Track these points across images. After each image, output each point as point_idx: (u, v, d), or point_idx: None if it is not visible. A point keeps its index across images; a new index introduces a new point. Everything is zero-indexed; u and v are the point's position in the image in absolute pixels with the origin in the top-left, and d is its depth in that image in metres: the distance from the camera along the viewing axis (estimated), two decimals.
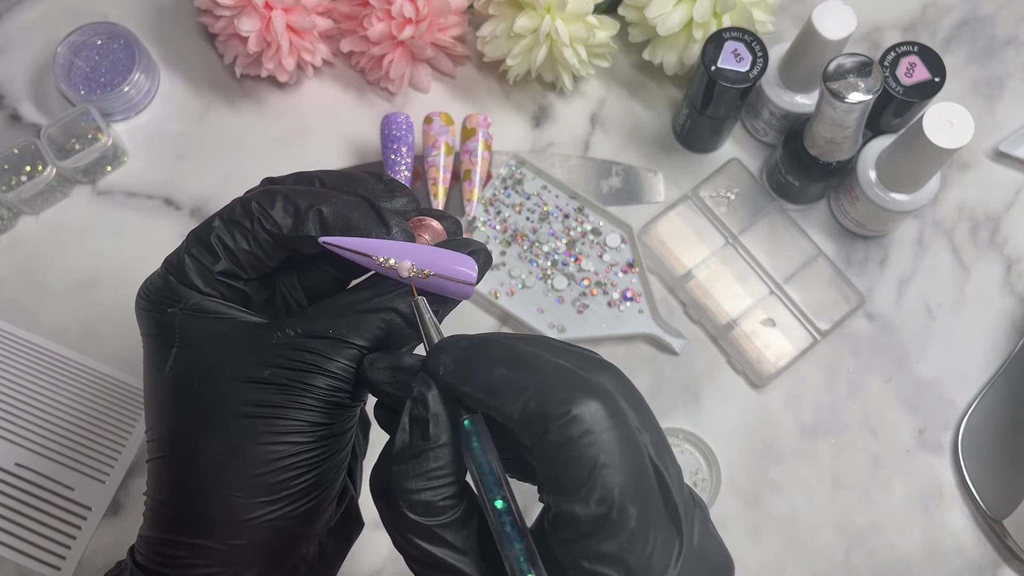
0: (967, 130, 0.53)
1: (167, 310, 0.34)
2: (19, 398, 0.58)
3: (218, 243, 0.34)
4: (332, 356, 0.32)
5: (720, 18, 0.61)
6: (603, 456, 0.27)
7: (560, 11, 0.60)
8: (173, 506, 0.33)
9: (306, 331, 0.33)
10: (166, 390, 0.34)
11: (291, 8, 0.61)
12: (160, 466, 0.34)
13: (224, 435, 0.32)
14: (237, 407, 0.32)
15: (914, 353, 0.64)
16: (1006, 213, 0.67)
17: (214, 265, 0.34)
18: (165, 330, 0.34)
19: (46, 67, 0.67)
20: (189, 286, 0.34)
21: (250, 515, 0.32)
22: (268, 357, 0.32)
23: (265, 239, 0.34)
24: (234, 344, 0.33)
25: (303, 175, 0.36)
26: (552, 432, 0.28)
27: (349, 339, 0.33)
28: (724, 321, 0.63)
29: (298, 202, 0.33)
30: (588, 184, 0.66)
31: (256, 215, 0.33)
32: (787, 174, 0.63)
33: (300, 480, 0.33)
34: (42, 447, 0.58)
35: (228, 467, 0.32)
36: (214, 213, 0.34)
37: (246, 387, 0.32)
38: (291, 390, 0.32)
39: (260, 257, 0.34)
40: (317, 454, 0.33)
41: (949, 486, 0.61)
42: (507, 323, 0.63)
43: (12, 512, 0.56)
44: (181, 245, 0.34)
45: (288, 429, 0.32)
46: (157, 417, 0.34)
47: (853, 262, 0.65)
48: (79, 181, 0.65)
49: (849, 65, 0.53)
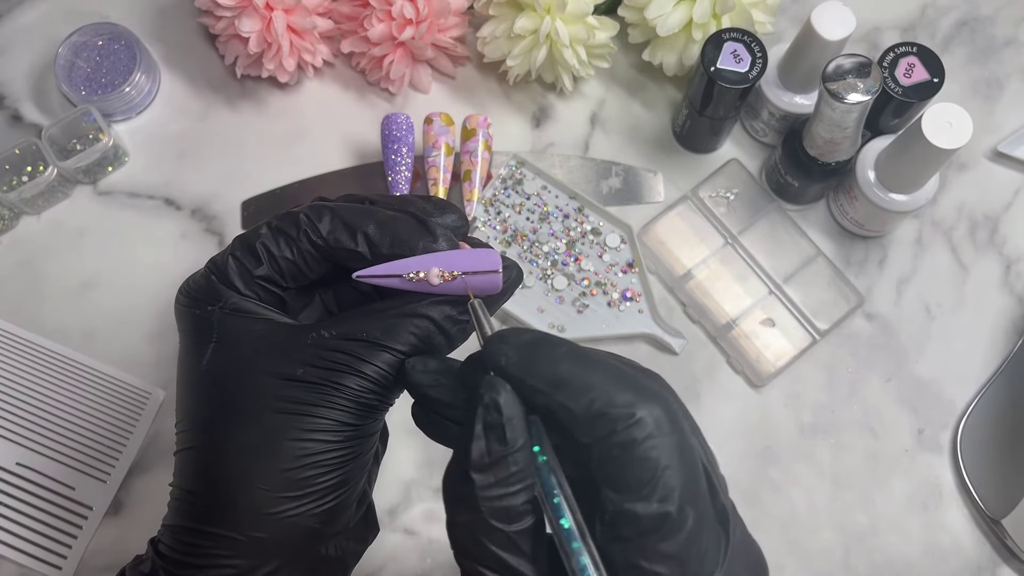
0: (966, 131, 0.54)
1: (207, 307, 0.35)
2: (20, 398, 0.58)
3: (263, 249, 0.35)
4: (365, 358, 0.33)
5: (719, 19, 0.61)
6: (664, 459, 0.28)
7: (560, 12, 0.60)
8: (198, 495, 0.34)
9: (340, 333, 0.34)
10: (202, 383, 0.35)
11: (292, 9, 0.61)
12: (189, 456, 0.35)
13: (255, 427, 0.33)
14: (270, 401, 0.33)
15: (913, 353, 0.64)
16: (1005, 213, 0.67)
17: (256, 269, 0.35)
18: (203, 326, 0.35)
19: (47, 67, 0.67)
20: (229, 286, 0.35)
21: (273, 509, 0.33)
22: (303, 355, 0.33)
23: (308, 250, 0.35)
24: (270, 342, 0.34)
25: (354, 196, 0.37)
26: (618, 434, 0.28)
27: (382, 342, 0.33)
28: (723, 321, 0.63)
29: (345, 217, 0.35)
30: (588, 184, 0.66)
31: (303, 227, 0.35)
32: (786, 174, 0.63)
33: (325, 478, 0.33)
34: (43, 447, 0.58)
35: (256, 459, 0.33)
36: (263, 221, 0.36)
37: (280, 383, 0.33)
38: (323, 389, 0.33)
39: (301, 267, 0.35)
40: (343, 453, 0.34)
41: (948, 486, 0.61)
42: (507, 323, 0.63)
43: (13, 512, 0.56)
44: (227, 248, 0.36)
45: (317, 427, 0.33)
46: (191, 408, 0.35)
47: (852, 262, 0.65)
48: (80, 181, 0.65)
49: (848, 66, 0.54)
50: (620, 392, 0.29)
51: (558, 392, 0.29)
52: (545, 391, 0.30)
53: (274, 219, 0.36)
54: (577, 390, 0.29)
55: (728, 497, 0.32)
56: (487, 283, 0.34)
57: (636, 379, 0.30)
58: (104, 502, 0.58)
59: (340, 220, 0.35)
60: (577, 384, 0.29)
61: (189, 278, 0.36)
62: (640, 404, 0.29)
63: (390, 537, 0.59)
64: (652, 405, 0.29)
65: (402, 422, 0.61)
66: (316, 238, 0.35)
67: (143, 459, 0.59)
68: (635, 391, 0.29)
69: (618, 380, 0.29)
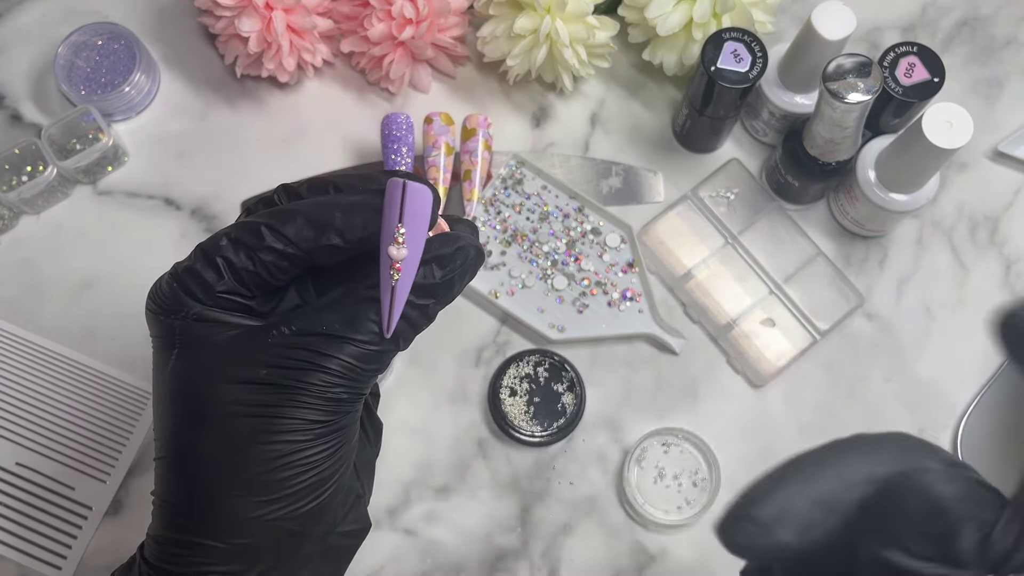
0: (966, 130, 0.53)
1: (170, 315, 0.34)
2: (20, 398, 0.58)
3: (224, 264, 0.34)
4: (327, 351, 0.33)
5: (720, 18, 0.61)
6: None
7: (560, 11, 0.60)
8: (176, 505, 0.34)
9: (300, 328, 0.33)
10: (166, 390, 0.34)
11: (291, 8, 0.61)
12: (163, 465, 0.34)
13: (221, 436, 0.32)
14: (234, 407, 0.32)
15: (913, 353, 0.64)
16: (1005, 213, 0.67)
17: (217, 284, 0.34)
18: (168, 332, 0.34)
19: (47, 67, 0.67)
20: (192, 297, 0.34)
21: (252, 514, 0.33)
22: (264, 357, 0.33)
23: (272, 261, 0.34)
24: (231, 346, 0.33)
25: (317, 181, 0.36)
26: None
27: (343, 334, 0.33)
28: (724, 321, 0.63)
29: (309, 215, 0.33)
30: (588, 184, 0.66)
31: (267, 240, 0.33)
32: (787, 174, 0.63)
33: (301, 478, 0.33)
34: (43, 447, 0.58)
35: (227, 467, 0.32)
36: (221, 230, 0.34)
37: (242, 388, 0.32)
38: (287, 389, 0.32)
39: (266, 277, 0.34)
40: (317, 452, 0.33)
41: None
42: (507, 323, 0.63)
43: (13, 512, 0.56)
44: (190, 255, 0.35)
45: (286, 428, 0.32)
46: (161, 418, 0.34)
47: (852, 262, 0.65)
48: (80, 181, 0.65)
49: (848, 65, 0.53)
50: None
51: None
52: None
53: (233, 229, 0.34)
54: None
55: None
56: (418, 205, 0.32)
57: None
58: (104, 502, 0.58)
59: (305, 219, 0.33)
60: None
61: (156, 283, 0.35)
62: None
63: (390, 537, 0.59)
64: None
65: (402, 422, 0.61)
66: (286, 247, 0.33)
67: (143, 459, 0.59)
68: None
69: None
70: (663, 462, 0.61)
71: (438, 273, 0.34)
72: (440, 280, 0.34)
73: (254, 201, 0.37)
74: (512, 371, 0.61)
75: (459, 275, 0.35)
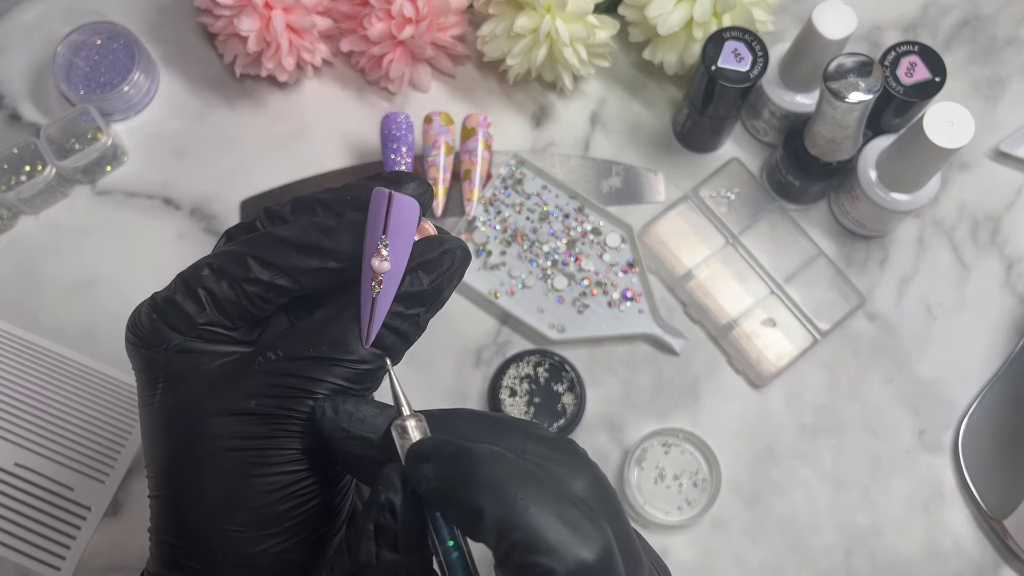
0: (967, 130, 0.53)
1: (151, 348, 0.33)
2: (19, 398, 0.58)
3: (206, 295, 0.32)
4: (317, 376, 0.31)
5: (720, 18, 0.61)
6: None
7: (560, 11, 0.60)
8: (175, 544, 0.33)
9: (287, 354, 0.31)
10: (155, 427, 0.33)
11: (291, 8, 0.61)
12: (158, 504, 0.33)
13: (215, 472, 0.31)
14: (225, 442, 0.31)
15: (914, 353, 0.64)
16: (1007, 213, 0.67)
17: (198, 315, 0.32)
18: (151, 365, 0.33)
19: (46, 67, 0.67)
20: (173, 329, 0.32)
21: (255, 548, 0.32)
22: (252, 387, 0.31)
23: (256, 292, 0.32)
24: (218, 378, 0.32)
25: (300, 202, 0.34)
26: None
27: (332, 355, 0.31)
28: (724, 321, 0.63)
29: (297, 241, 0.32)
30: (588, 184, 0.66)
31: (254, 272, 0.31)
32: (787, 174, 0.63)
33: (303, 508, 0.32)
34: (42, 447, 0.58)
35: (225, 503, 0.31)
36: (203, 258, 0.33)
37: (232, 421, 0.31)
38: (278, 419, 0.31)
39: (250, 309, 0.32)
40: (317, 480, 0.32)
41: (949, 486, 0.61)
42: (507, 323, 0.63)
43: (12, 512, 0.56)
44: (170, 285, 0.33)
45: (281, 459, 0.31)
46: (152, 454, 0.33)
47: (853, 262, 0.65)
48: (79, 181, 0.65)
49: (849, 65, 0.53)
50: (546, 538, 0.26)
51: (475, 527, 0.27)
52: (463, 525, 0.28)
53: (215, 259, 0.32)
54: (499, 531, 0.27)
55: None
56: (405, 216, 0.31)
57: (570, 524, 0.27)
58: (103, 502, 0.58)
59: (292, 246, 0.31)
60: (499, 523, 0.27)
61: (135, 313, 0.34)
62: (567, 560, 0.26)
63: None
64: (579, 549, 0.26)
65: None
66: (274, 277, 0.31)
67: (142, 459, 0.59)
68: (566, 543, 0.26)
69: (549, 521, 0.27)
70: (663, 462, 0.60)
71: (425, 280, 0.32)
72: (428, 287, 0.32)
73: (235, 227, 0.35)
74: (512, 371, 0.61)
75: (447, 279, 0.33)
